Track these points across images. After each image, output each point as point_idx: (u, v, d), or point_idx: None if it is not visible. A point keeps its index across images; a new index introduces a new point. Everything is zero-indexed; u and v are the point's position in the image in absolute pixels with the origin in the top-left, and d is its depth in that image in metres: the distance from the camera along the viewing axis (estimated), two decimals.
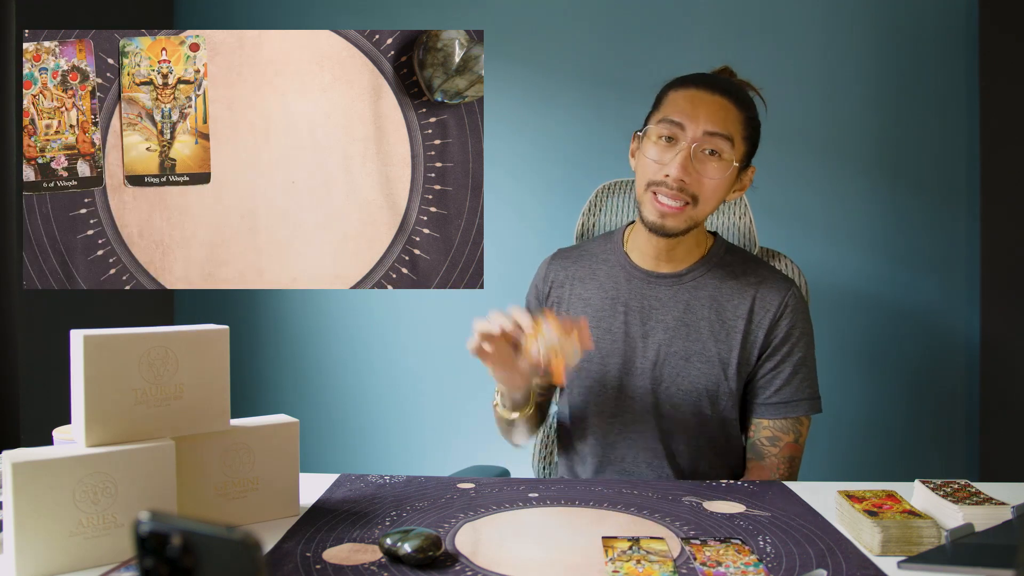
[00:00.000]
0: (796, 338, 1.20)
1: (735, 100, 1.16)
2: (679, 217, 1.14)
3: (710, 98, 1.14)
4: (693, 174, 1.13)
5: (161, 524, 0.42)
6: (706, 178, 1.13)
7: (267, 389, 2.18)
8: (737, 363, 1.19)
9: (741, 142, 1.16)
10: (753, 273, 1.23)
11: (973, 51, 1.96)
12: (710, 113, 1.13)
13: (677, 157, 1.12)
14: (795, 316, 1.20)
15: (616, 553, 0.80)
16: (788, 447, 1.20)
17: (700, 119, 1.13)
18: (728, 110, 1.15)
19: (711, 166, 1.14)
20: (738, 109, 1.16)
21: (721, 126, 1.13)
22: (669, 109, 1.16)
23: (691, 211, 1.15)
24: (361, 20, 2.10)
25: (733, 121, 1.15)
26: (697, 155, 1.13)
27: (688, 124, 1.13)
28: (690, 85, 1.17)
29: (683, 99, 1.15)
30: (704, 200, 1.15)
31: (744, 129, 1.16)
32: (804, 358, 1.21)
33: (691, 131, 1.13)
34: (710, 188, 1.14)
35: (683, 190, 1.13)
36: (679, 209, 1.14)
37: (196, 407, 0.86)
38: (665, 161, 1.14)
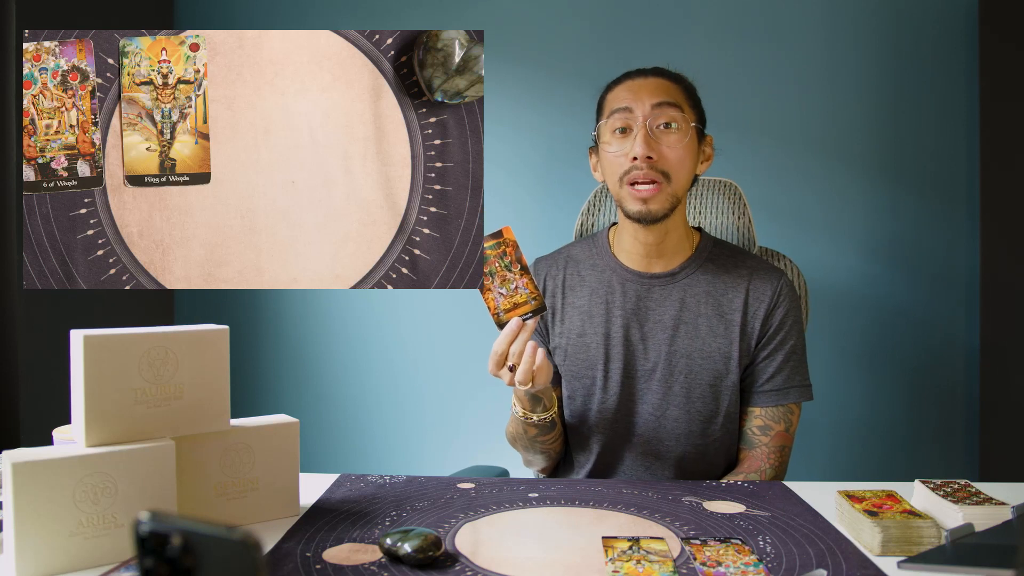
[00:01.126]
0: (789, 326, 1.22)
1: (668, 76, 1.21)
2: (658, 197, 1.16)
3: (645, 80, 1.20)
4: (657, 148, 1.15)
5: (161, 524, 0.42)
6: (669, 149, 1.16)
7: (267, 389, 2.18)
8: (738, 355, 1.20)
9: (689, 109, 1.20)
10: (743, 265, 1.25)
11: (973, 52, 1.96)
12: (652, 90, 1.18)
13: (637, 137, 1.15)
14: (788, 304, 1.23)
15: (616, 553, 0.80)
16: (779, 436, 1.21)
17: (644, 97, 1.17)
18: (666, 84, 1.20)
19: (671, 137, 1.17)
20: (673, 82, 1.21)
21: (666, 95, 1.18)
22: (612, 103, 1.20)
23: (668, 188, 1.17)
24: (361, 20, 2.10)
25: (674, 91, 1.19)
26: (653, 131, 1.16)
27: (635, 105, 1.17)
28: (623, 78, 1.23)
29: (622, 90, 1.20)
30: (675, 173, 1.17)
31: (687, 97, 1.21)
32: (795, 346, 1.23)
33: (640, 110, 1.16)
34: (677, 159, 1.17)
35: (653, 168, 1.15)
36: (656, 189, 1.15)
37: (196, 407, 0.86)
38: (625, 151, 1.16)
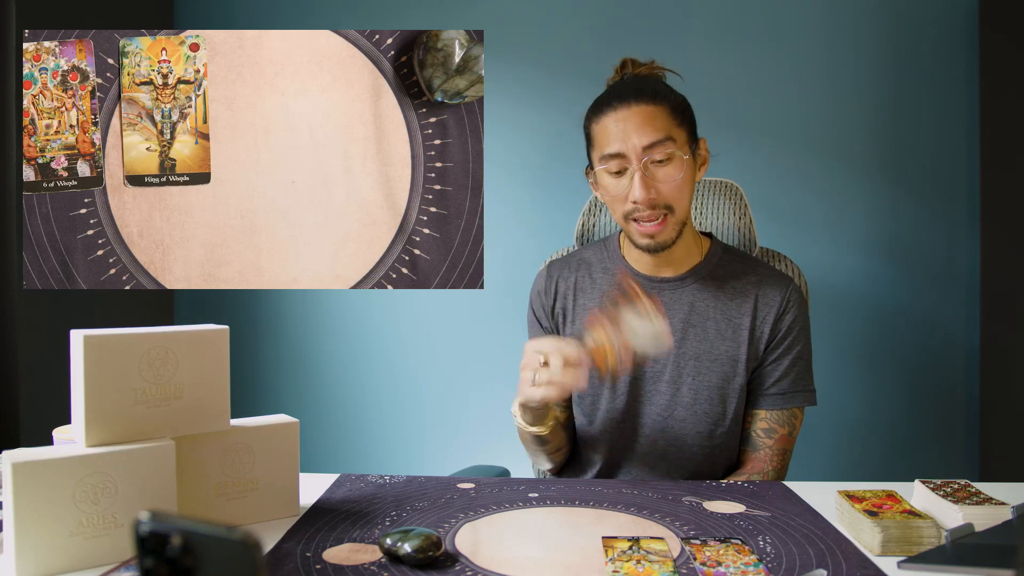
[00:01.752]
0: (797, 332, 1.23)
1: (652, 99, 1.14)
2: (665, 230, 1.15)
3: (629, 112, 1.13)
4: (655, 186, 1.13)
5: (161, 524, 0.42)
6: (668, 183, 1.13)
7: (267, 389, 2.18)
8: (746, 358, 1.21)
9: (680, 132, 1.15)
10: (752, 271, 1.26)
11: (973, 51, 1.96)
12: (640, 128, 1.12)
13: (634, 182, 1.12)
14: (797, 311, 1.24)
15: (616, 553, 0.80)
16: (782, 439, 1.22)
17: (632, 139, 1.12)
18: (653, 114, 1.13)
19: (667, 171, 1.13)
20: (660, 105, 1.14)
21: (655, 133, 1.12)
22: (602, 143, 1.15)
23: (672, 218, 1.15)
24: (361, 20, 2.10)
25: (663, 120, 1.13)
26: (648, 168, 1.12)
27: (626, 149, 1.12)
28: (606, 108, 1.15)
29: (609, 126, 1.14)
30: (677, 203, 1.15)
31: (675, 118, 1.15)
32: (802, 351, 1.24)
33: (632, 154, 1.12)
34: (676, 190, 1.14)
35: (655, 206, 1.13)
36: (661, 224, 1.14)
37: (196, 407, 0.86)
38: (624, 192, 1.14)
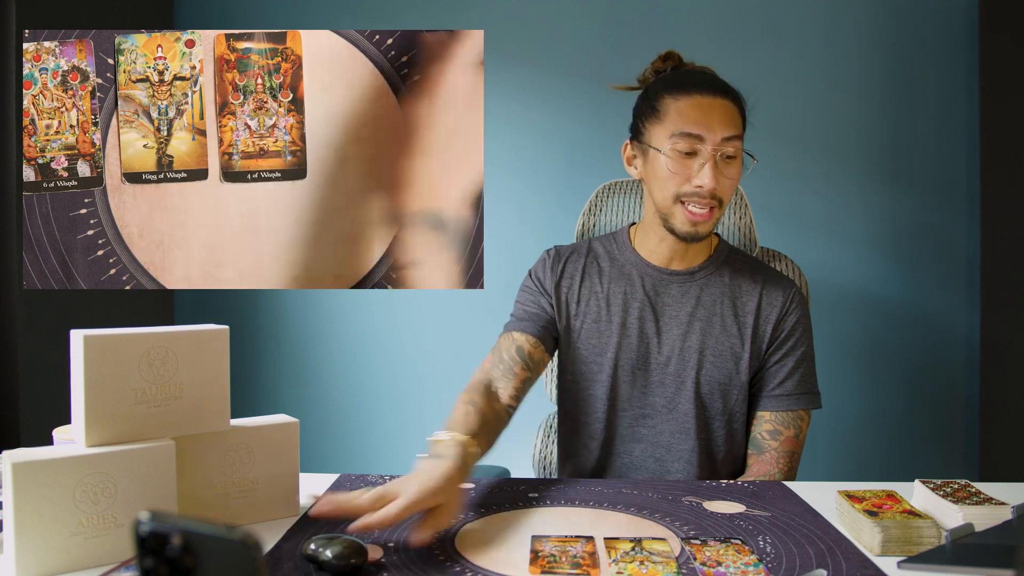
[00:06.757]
0: (800, 333, 1.25)
1: (732, 98, 1.18)
2: (709, 222, 1.18)
3: (714, 102, 1.16)
4: (719, 179, 1.15)
5: (161, 524, 0.42)
6: (729, 179, 1.17)
7: (267, 389, 2.18)
8: (748, 356, 1.23)
9: (742, 137, 1.19)
10: (757, 272, 1.28)
11: (973, 51, 1.96)
12: (723, 119, 1.15)
13: (705, 168, 1.14)
14: (800, 313, 1.25)
15: (619, 554, 0.80)
16: (788, 441, 1.22)
17: (715, 127, 1.14)
18: (732, 110, 1.17)
19: (732, 168, 1.17)
20: (736, 106, 1.18)
21: (734, 129, 1.16)
22: (680, 121, 1.16)
23: (717, 213, 1.18)
24: (361, 20, 2.10)
25: (738, 118, 1.18)
26: (718, 161, 1.15)
27: (707, 135, 1.14)
28: (691, 91, 1.17)
29: (691, 108, 1.16)
30: (727, 198, 1.19)
31: (744, 123, 1.20)
32: (806, 353, 1.25)
33: (711, 141, 1.14)
34: (731, 187, 1.18)
35: (713, 196, 1.16)
36: (709, 215, 1.17)
37: (196, 407, 0.86)
38: (689, 173, 1.16)
